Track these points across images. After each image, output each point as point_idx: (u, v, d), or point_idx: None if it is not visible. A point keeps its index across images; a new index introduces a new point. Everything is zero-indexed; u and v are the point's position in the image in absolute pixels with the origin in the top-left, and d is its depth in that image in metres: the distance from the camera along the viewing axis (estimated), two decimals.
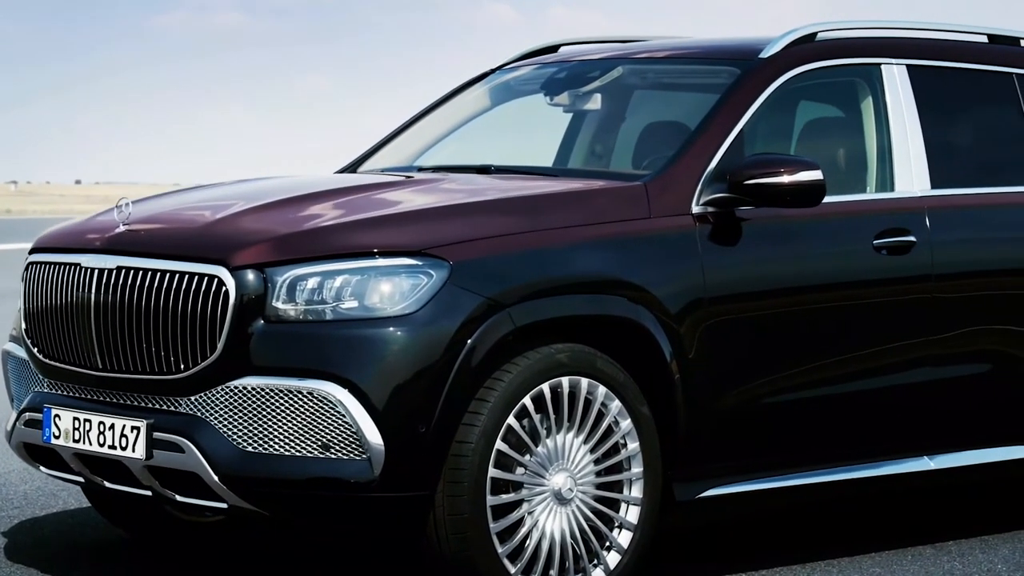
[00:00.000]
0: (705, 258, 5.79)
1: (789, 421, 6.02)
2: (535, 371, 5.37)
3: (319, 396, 5.17)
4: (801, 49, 6.36)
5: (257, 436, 5.23)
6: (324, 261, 5.28)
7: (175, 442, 5.31)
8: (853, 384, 6.16)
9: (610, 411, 5.54)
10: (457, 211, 5.56)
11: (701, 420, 5.74)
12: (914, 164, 6.47)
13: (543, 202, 5.67)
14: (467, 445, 5.26)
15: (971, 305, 6.46)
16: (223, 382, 5.27)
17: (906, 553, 6.53)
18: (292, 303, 5.25)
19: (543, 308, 5.40)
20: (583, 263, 5.54)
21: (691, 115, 6.38)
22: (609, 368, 5.52)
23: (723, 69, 6.34)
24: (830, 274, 6.11)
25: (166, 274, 5.39)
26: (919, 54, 6.69)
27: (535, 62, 7.11)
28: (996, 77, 6.94)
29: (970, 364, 6.48)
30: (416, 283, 5.25)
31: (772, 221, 5.98)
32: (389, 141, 7.13)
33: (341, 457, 5.18)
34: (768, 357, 5.94)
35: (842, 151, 6.53)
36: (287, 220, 5.50)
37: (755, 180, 5.82)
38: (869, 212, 6.30)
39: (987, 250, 6.59)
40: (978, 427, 6.59)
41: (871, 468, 6.27)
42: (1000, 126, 6.93)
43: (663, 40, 7.23)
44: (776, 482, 6.01)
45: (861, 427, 6.24)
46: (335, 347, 5.20)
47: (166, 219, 5.73)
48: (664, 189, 5.84)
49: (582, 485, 5.50)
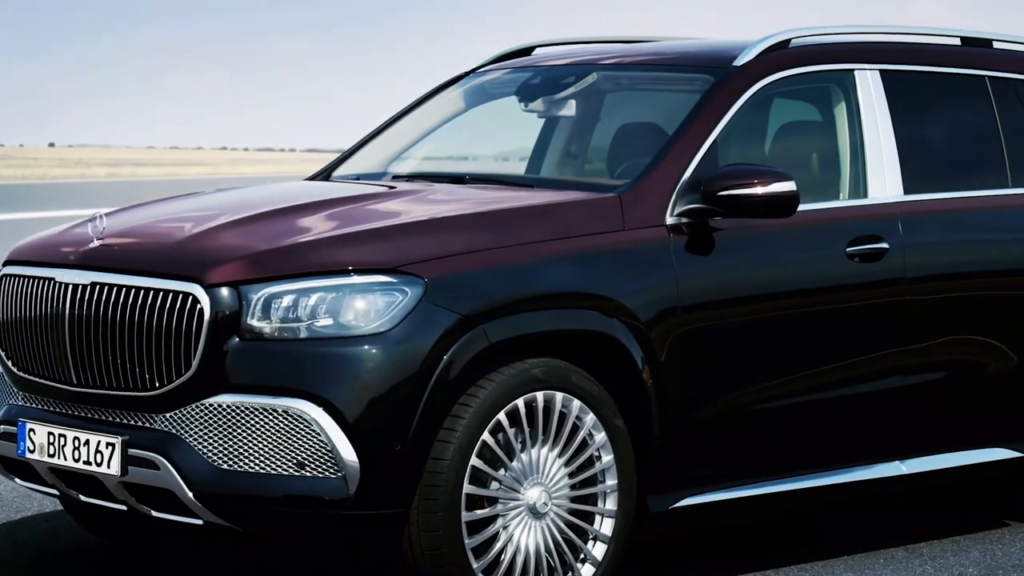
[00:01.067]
0: (679, 269, 5.80)
1: (764, 429, 6.05)
2: (510, 387, 5.39)
3: (294, 414, 5.19)
4: (775, 56, 6.36)
5: (232, 453, 5.24)
6: (299, 279, 5.28)
7: (150, 459, 5.32)
8: (827, 391, 6.19)
9: (585, 424, 5.56)
10: (431, 227, 5.56)
11: (675, 431, 5.76)
12: (887, 170, 6.49)
13: (517, 216, 5.68)
14: (442, 462, 5.28)
15: (943, 310, 6.49)
16: (198, 399, 5.27)
17: (879, 556, 6.58)
18: (267, 321, 5.26)
19: (517, 324, 5.42)
20: (557, 278, 5.55)
21: (665, 122, 6.40)
22: (584, 382, 5.54)
23: (697, 77, 6.34)
24: (803, 282, 6.13)
25: (140, 291, 5.39)
26: (892, 59, 6.70)
27: (509, 65, 7.11)
28: (969, 80, 6.96)
29: (942, 369, 6.52)
30: (391, 301, 5.26)
31: (746, 230, 6.00)
32: (363, 145, 7.12)
33: (316, 475, 5.20)
34: (742, 366, 5.97)
35: (816, 158, 6.55)
36: (262, 236, 5.50)
37: (728, 191, 5.84)
38: (842, 219, 6.32)
39: (959, 255, 6.62)
40: (950, 430, 6.63)
41: (845, 474, 6.31)
42: (973, 129, 6.95)
43: (638, 43, 7.23)
44: (751, 490, 6.04)
45: (835, 433, 6.28)
46: (310, 365, 5.21)
47: (140, 233, 5.72)
48: (638, 200, 5.85)
49: (557, 499, 5.52)
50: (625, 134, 6.64)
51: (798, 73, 6.41)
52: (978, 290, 6.63)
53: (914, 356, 6.41)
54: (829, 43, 6.60)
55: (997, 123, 6.95)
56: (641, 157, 6.26)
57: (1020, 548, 6.75)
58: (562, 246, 5.61)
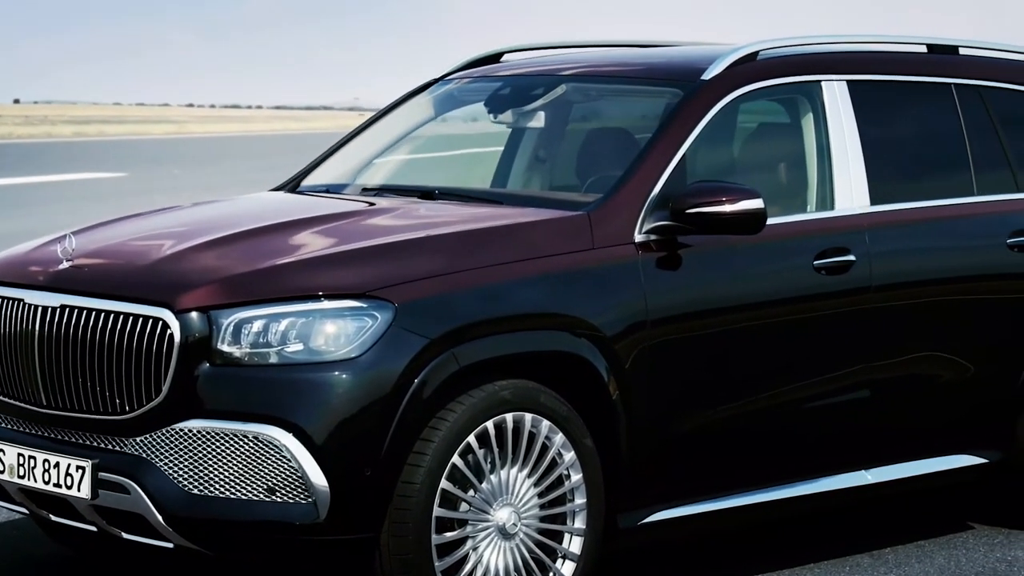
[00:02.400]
0: (647, 287, 5.83)
1: (732, 443, 6.10)
2: (479, 409, 5.42)
3: (264, 440, 5.21)
4: (743, 69, 6.38)
5: (203, 478, 5.26)
6: (269, 304, 5.30)
7: (120, 483, 5.34)
8: (794, 403, 6.24)
9: (554, 444, 5.59)
10: (401, 249, 5.57)
11: (644, 449, 5.80)
12: (854, 181, 6.52)
13: (486, 237, 5.70)
14: (412, 486, 5.31)
15: (909, 321, 6.54)
16: (169, 424, 5.29)
17: (844, 564, 6.64)
18: (237, 346, 5.27)
19: (487, 347, 5.44)
20: (526, 299, 5.57)
21: (632, 139, 6.43)
22: (553, 403, 5.57)
23: (666, 90, 6.36)
24: (771, 296, 6.16)
25: (110, 315, 5.40)
26: (859, 69, 6.73)
27: (478, 72, 7.11)
28: (935, 88, 7.00)
29: (908, 379, 6.57)
30: (361, 326, 5.28)
31: (714, 246, 6.02)
32: (331, 154, 7.11)
33: (287, 500, 5.22)
34: (711, 382, 6.01)
35: (784, 170, 6.58)
36: (232, 260, 5.50)
37: (697, 209, 5.86)
38: (809, 233, 6.35)
39: (923, 265, 6.65)
40: (916, 439, 6.69)
41: (812, 484, 6.36)
42: (939, 138, 6.98)
43: (608, 47, 7.25)
44: (720, 503, 6.09)
45: (802, 445, 6.33)
46: (281, 391, 5.23)
47: (110, 254, 5.72)
48: (607, 218, 5.87)
49: (526, 519, 5.56)
50: (594, 147, 6.66)
51: (766, 86, 6.43)
52: (943, 299, 6.67)
53: (880, 367, 6.46)
54: (796, 54, 6.62)
55: (963, 131, 6.99)
56: (609, 170, 6.28)
57: (984, 554, 6.82)
58: (531, 267, 5.63)
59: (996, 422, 6.92)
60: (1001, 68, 7.36)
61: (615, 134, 6.65)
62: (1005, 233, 6.92)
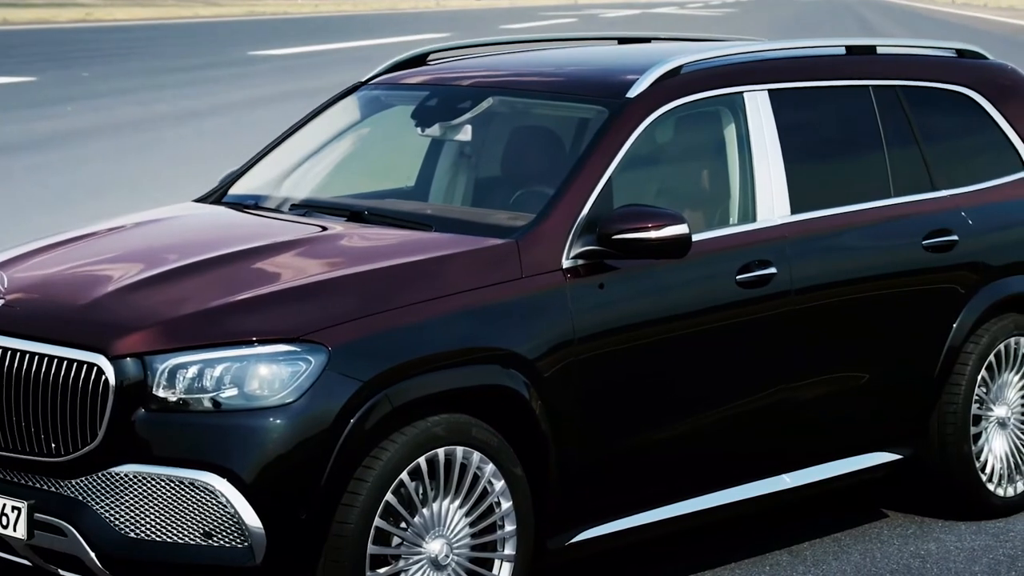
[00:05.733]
0: (575, 312, 5.92)
1: (658, 459, 6.24)
2: (412, 447, 5.51)
3: (200, 486, 5.28)
4: (666, 85, 6.43)
5: (139, 522, 5.34)
6: (204, 349, 5.35)
7: (56, 525, 5.40)
8: (718, 415, 6.38)
9: (485, 474, 5.70)
10: (332, 288, 5.61)
11: (574, 473, 5.93)
12: (775, 191, 6.62)
13: (416, 272, 5.74)
14: (346, 525, 5.41)
15: (829, 327, 6.69)
16: (105, 468, 5.35)
17: (764, 563, 6.82)
18: (172, 391, 5.33)
19: (419, 386, 5.52)
20: (458, 335, 5.64)
21: (558, 152, 6.50)
22: (483, 434, 5.67)
23: (592, 108, 6.41)
24: (696, 314, 6.27)
25: (44, 358, 5.44)
26: (780, 77, 6.80)
27: (405, 75, 7.11)
28: (853, 91, 7.09)
29: (827, 382, 6.73)
30: (295, 370, 5.34)
31: (640, 268, 6.11)
32: (257, 162, 7.09)
33: (223, 544, 5.31)
34: (637, 401, 6.13)
35: (708, 185, 6.67)
36: (165, 302, 5.53)
37: (623, 235, 5.95)
38: (732, 247, 6.45)
39: (843, 271, 6.78)
40: (834, 441, 6.87)
41: (734, 491, 6.52)
42: (858, 142, 7.09)
43: (533, 54, 7.28)
44: (646, 517, 6.23)
45: (726, 454, 6.48)
46: (216, 437, 5.30)
47: (43, 292, 5.73)
48: (535, 245, 5.94)
49: (458, 549, 5.67)
50: (520, 159, 6.71)
51: (690, 101, 6.49)
52: (860, 304, 6.82)
53: (800, 373, 6.61)
54: (719, 66, 6.68)
55: (880, 133, 7.10)
56: (536, 184, 6.37)
57: (898, 547, 7.02)
58: (461, 301, 5.70)
59: (910, 419, 7.11)
60: (917, 65, 7.47)
61: (541, 145, 6.69)
62: (921, 234, 7.06)
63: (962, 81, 7.52)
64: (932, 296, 7.07)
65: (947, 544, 7.07)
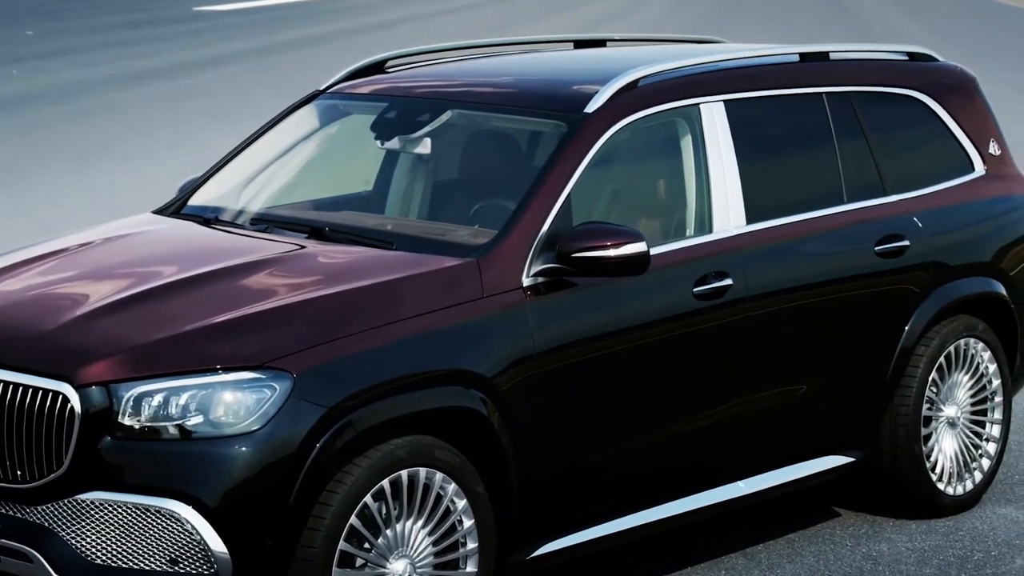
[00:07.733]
0: (535, 330, 5.99)
1: (617, 472, 6.32)
2: (376, 470, 5.57)
3: (166, 514, 5.33)
4: (624, 99, 6.48)
5: (105, 549, 5.38)
6: (169, 377, 5.39)
7: (22, 551, 5.44)
8: (676, 426, 6.47)
9: (447, 494, 5.77)
10: (295, 312, 5.65)
11: (536, 489, 6.01)
12: (731, 202, 6.70)
13: (378, 295, 5.79)
14: (311, 550, 5.47)
15: (781, 334, 6.78)
16: (71, 495, 5.39)
17: (720, 567, 6.93)
18: (138, 419, 5.37)
19: (383, 410, 5.58)
20: (420, 358, 5.70)
21: (517, 166, 6.55)
22: (446, 455, 5.74)
23: (551, 123, 6.46)
24: (654, 328, 6.34)
25: (10, 386, 5.47)
26: (735, 87, 6.86)
27: (363, 84, 7.13)
28: (807, 99, 7.16)
29: (782, 390, 6.83)
30: (260, 397, 5.39)
31: (599, 282, 6.17)
32: (216, 172, 7.10)
33: (189, 571, 5.36)
34: (597, 415, 6.20)
35: (665, 197, 6.73)
36: (130, 329, 5.56)
37: (582, 254, 6.01)
38: (688, 260, 6.52)
39: (797, 279, 6.86)
40: (788, 446, 6.97)
41: (690, 500, 6.62)
42: (812, 149, 7.17)
43: (492, 61, 7.32)
44: (606, 528, 6.32)
45: (686, 463, 6.58)
46: (181, 465, 5.35)
47: (8, 318, 5.73)
48: (495, 263, 6.00)
49: (421, 568, 5.75)
50: (477, 175, 6.76)
51: (647, 115, 6.54)
52: (814, 311, 6.91)
53: (758, 382, 6.71)
54: (675, 78, 6.73)
55: (834, 140, 7.18)
56: (493, 199, 6.43)
57: (851, 549, 7.15)
58: (422, 323, 5.75)
59: (862, 423, 7.22)
60: (869, 70, 7.55)
61: (499, 157, 6.74)
62: (873, 240, 7.16)
63: (912, 84, 7.61)
64: (884, 300, 7.17)
65: (898, 545, 7.20)
